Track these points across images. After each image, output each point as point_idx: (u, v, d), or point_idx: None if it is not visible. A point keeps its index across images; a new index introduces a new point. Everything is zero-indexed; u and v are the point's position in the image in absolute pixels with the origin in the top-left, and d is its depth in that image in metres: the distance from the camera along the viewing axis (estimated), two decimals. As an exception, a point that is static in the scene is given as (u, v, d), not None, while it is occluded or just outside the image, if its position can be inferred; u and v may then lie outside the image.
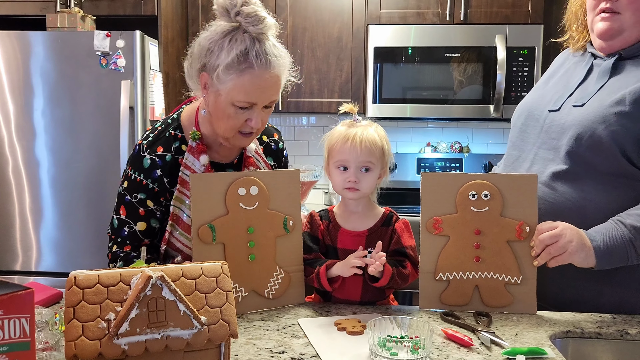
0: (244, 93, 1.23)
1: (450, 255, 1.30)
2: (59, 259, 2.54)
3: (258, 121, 1.28)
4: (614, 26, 1.29)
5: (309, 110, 2.96)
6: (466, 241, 1.30)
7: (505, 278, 1.29)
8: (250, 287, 1.27)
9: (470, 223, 1.29)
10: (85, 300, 0.76)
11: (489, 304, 1.30)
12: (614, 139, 1.23)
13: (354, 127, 1.33)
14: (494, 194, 1.28)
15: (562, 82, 1.43)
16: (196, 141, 1.35)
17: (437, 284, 1.31)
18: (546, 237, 1.21)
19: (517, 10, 2.75)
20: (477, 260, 1.29)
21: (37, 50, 2.44)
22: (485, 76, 2.76)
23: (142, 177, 1.33)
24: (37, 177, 2.51)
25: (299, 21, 2.87)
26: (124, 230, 1.35)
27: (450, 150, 3.19)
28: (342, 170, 1.33)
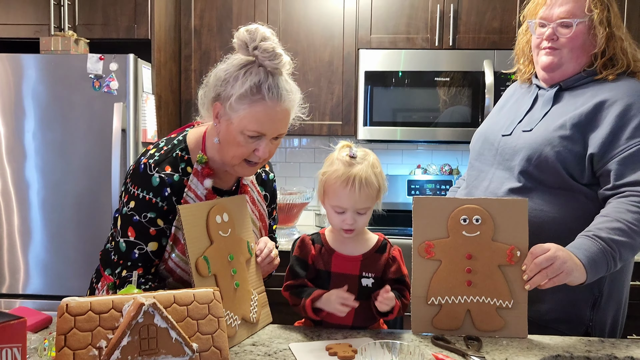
0: (255, 123, 1.26)
1: (442, 279, 1.32)
2: (48, 281, 2.52)
3: (265, 151, 1.30)
4: (554, 60, 1.48)
5: (300, 132, 2.98)
6: (458, 265, 1.32)
7: (497, 302, 1.31)
8: (240, 315, 1.27)
9: (462, 247, 1.31)
10: (77, 328, 0.76)
11: (481, 328, 1.31)
12: (558, 159, 1.40)
13: (352, 166, 1.30)
14: (485, 219, 1.31)
15: (513, 110, 1.59)
16: (202, 165, 1.36)
17: (429, 308, 1.33)
18: (542, 260, 1.24)
19: (504, 36, 2.81)
20: (469, 285, 1.31)
21: (30, 73, 2.45)
22: (473, 100, 2.80)
23: (152, 196, 1.31)
24: (26, 198, 2.49)
25: (291, 45, 2.91)
26: (134, 253, 1.31)
27: (440, 172, 3.22)
28: (339, 213, 1.32)
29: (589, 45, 1.47)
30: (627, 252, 1.31)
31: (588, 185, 1.42)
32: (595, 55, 1.47)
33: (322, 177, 1.34)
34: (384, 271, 1.36)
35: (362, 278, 1.35)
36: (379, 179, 1.33)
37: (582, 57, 1.48)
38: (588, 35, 1.46)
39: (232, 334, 1.21)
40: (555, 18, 1.47)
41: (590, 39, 1.46)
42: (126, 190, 1.35)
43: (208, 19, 2.92)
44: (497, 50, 2.79)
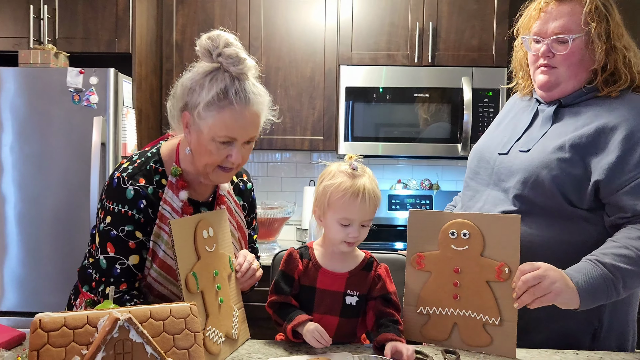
0: (225, 128, 1.26)
1: (431, 290, 1.34)
2: (23, 297, 2.46)
3: (238, 157, 1.30)
4: (551, 79, 1.41)
5: (282, 147, 2.99)
6: (445, 278, 1.33)
7: (484, 318, 1.30)
8: (224, 331, 1.26)
9: (450, 261, 1.33)
10: (50, 344, 0.75)
11: (468, 342, 1.31)
12: (555, 182, 1.33)
13: (356, 178, 1.30)
14: (473, 234, 1.31)
15: (511, 126, 1.52)
16: (176, 177, 1.35)
17: (418, 317, 1.35)
18: (529, 277, 1.21)
19: (482, 53, 2.88)
20: (455, 298, 1.32)
21: (8, 86, 2.42)
22: (452, 116, 2.85)
23: (127, 209, 1.30)
24: (2, 212, 2.45)
25: (273, 61, 2.94)
26: (115, 269, 1.29)
27: (421, 187, 3.25)
28: (344, 226, 1.31)
29: (587, 61, 1.38)
30: (634, 281, 1.26)
31: (590, 210, 1.34)
32: (595, 70, 1.38)
33: (325, 191, 1.31)
34: (369, 289, 1.36)
35: (346, 296, 1.34)
36: (379, 191, 1.34)
37: (581, 74, 1.40)
38: (586, 51, 1.37)
39: (217, 352, 1.20)
40: (549, 34, 1.39)
41: (588, 54, 1.37)
42: (102, 206, 1.34)
43: (190, 34, 2.93)
44: (475, 68, 2.84)
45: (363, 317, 1.37)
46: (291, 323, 1.28)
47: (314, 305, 1.34)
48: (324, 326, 1.30)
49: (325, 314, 1.34)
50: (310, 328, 1.26)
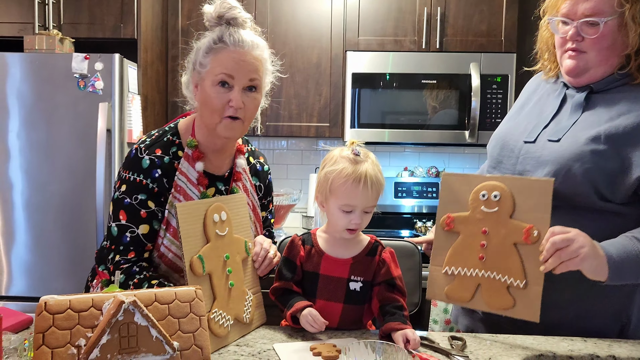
0: (221, 67, 1.31)
1: (458, 251, 1.32)
2: (31, 283, 2.48)
3: (239, 100, 1.31)
4: (580, 64, 1.33)
5: (288, 134, 2.98)
6: (473, 239, 1.31)
7: (508, 280, 1.25)
8: (234, 315, 1.26)
9: (479, 222, 1.30)
10: (56, 326, 0.75)
11: (490, 304, 1.27)
12: (587, 176, 1.26)
13: (358, 164, 1.28)
14: (504, 196, 1.27)
15: (536, 111, 1.44)
16: (192, 149, 1.39)
17: (444, 278, 1.33)
18: (558, 239, 1.17)
19: (491, 39, 2.84)
20: (481, 259, 1.28)
21: (14, 71, 2.42)
22: (460, 102, 2.82)
23: (142, 178, 1.34)
24: (10, 199, 2.46)
25: (279, 47, 2.91)
26: (125, 237, 1.33)
27: (427, 174, 3.23)
28: (346, 213, 1.30)
29: (620, 45, 1.29)
30: None
31: (624, 204, 1.28)
32: (628, 55, 1.30)
33: (327, 177, 1.30)
34: (374, 275, 1.35)
35: (350, 282, 1.33)
36: (382, 177, 1.32)
37: (612, 59, 1.31)
38: (619, 35, 1.28)
39: (224, 334, 1.21)
40: (579, 16, 1.29)
41: (621, 38, 1.28)
42: (118, 176, 1.38)
43: (196, 19, 2.91)
44: (483, 53, 2.81)
45: (369, 304, 1.37)
46: (290, 309, 1.28)
47: (317, 291, 1.34)
48: (327, 313, 1.31)
49: (329, 300, 1.33)
50: (304, 313, 1.26)
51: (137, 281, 1.29)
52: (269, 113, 2.95)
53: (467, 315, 1.52)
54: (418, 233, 2.96)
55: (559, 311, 1.31)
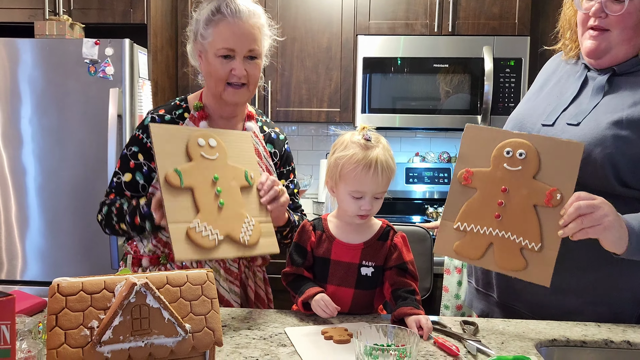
0: (222, 40, 1.36)
1: (473, 208, 1.27)
2: (45, 267, 2.51)
3: (241, 69, 1.37)
4: (601, 45, 1.29)
5: (298, 119, 2.96)
6: (491, 197, 1.25)
7: (523, 242, 1.21)
8: (224, 232, 1.24)
9: (500, 180, 1.25)
10: (68, 308, 0.75)
11: (501, 264, 1.23)
12: (609, 161, 1.23)
13: (369, 149, 1.26)
14: (530, 155, 1.23)
15: (555, 92, 1.40)
16: (197, 111, 1.46)
17: (454, 233, 1.27)
18: (583, 205, 1.13)
19: (504, 22, 2.79)
20: (498, 217, 1.24)
21: (25, 57, 2.43)
22: (472, 87, 2.78)
23: (140, 133, 1.45)
24: (23, 185, 2.48)
25: (289, 31, 2.89)
26: (113, 181, 1.46)
27: (439, 160, 3.21)
28: (356, 199, 1.28)
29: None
30: None
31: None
32: None
33: (337, 162, 1.28)
34: (385, 259, 1.34)
35: (361, 267, 1.33)
36: (394, 162, 1.30)
37: (635, 39, 1.27)
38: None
39: (210, 246, 1.20)
40: None
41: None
42: None
43: (205, 4, 2.89)
44: (496, 37, 2.76)
45: (380, 288, 1.36)
46: (302, 296, 1.28)
47: (328, 276, 1.34)
48: (339, 298, 1.31)
49: (340, 285, 1.33)
50: (316, 298, 1.26)
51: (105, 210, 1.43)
52: (278, 98, 2.93)
53: (482, 299, 1.52)
54: (429, 219, 2.95)
55: (576, 297, 1.30)
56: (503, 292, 1.43)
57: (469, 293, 1.60)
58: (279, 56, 2.91)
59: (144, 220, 1.35)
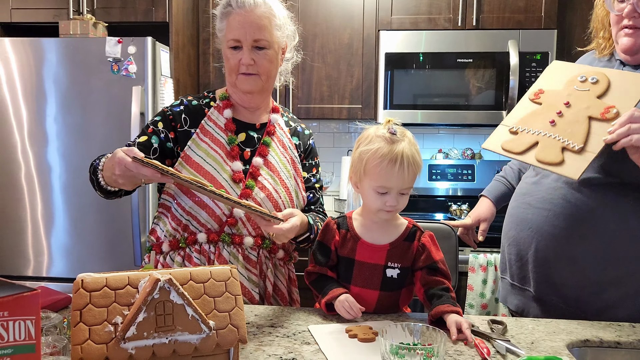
0: (230, 32, 1.41)
1: (533, 115, 1.34)
2: (70, 264, 2.54)
3: (247, 58, 1.41)
4: (637, 42, 1.32)
5: (319, 116, 2.95)
6: (552, 108, 1.32)
7: (566, 142, 1.25)
8: None
9: (566, 96, 1.32)
10: (92, 304, 0.74)
11: (539, 158, 1.27)
12: None
13: (395, 143, 1.22)
14: (601, 80, 1.30)
15: None
16: (223, 100, 1.51)
17: (507, 133, 1.35)
18: (637, 114, 1.16)
19: (530, 15, 2.73)
20: (552, 122, 1.30)
21: (50, 56, 2.46)
22: (497, 82, 2.73)
23: (167, 108, 1.50)
24: (48, 182, 2.52)
25: (309, 27, 2.87)
26: (129, 142, 1.47)
27: (462, 156, 3.16)
28: (381, 195, 1.25)
29: None
30: None
31: None
32: None
33: (361, 157, 1.25)
34: (413, 260, 1.30)
35: (387, 268, 1.29)
36: (420, 157, 1.26)
37: None
38: None
39: None
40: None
41: None
42: None
43: (226, 2, 2.89)
44: (522, 30, 2.70)
45: (406, 289, 1.33)
46: (325, 297, 1.26)
47: (352, 277, 1.31)
48: (363, 299, 1.28)
49: (365, 287, 1.30)
50: (340, 299, 1.23)
51: None
52: (299, 95, 2.92)
53: (517, 295, 1.49)
54: (453, 216, 2.90)
55: (616, 289, 1.27)
56: (540, 286, 1.41)
57: (502, 289, 1.58)
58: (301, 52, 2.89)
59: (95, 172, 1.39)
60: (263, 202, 1.43)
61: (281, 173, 1.49)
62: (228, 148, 1.46)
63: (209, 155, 1.43)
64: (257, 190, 1.43)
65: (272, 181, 1.46)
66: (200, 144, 1.45)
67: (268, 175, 1.47)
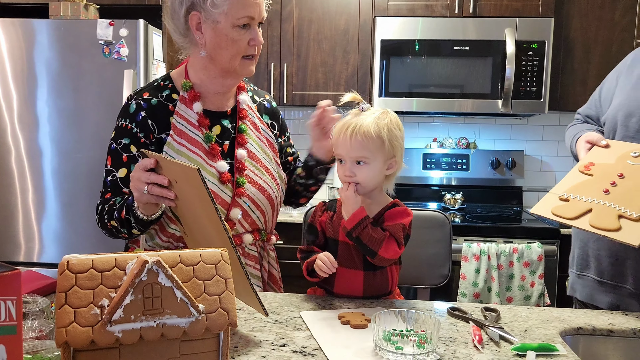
0: (243, 8, 1.27)
1: (585, 185, 1.33)
2: (61, 250, 2.52)
3: (260, 37, 1.32)
4: None
5: (314, 103, 2.87)
6: (606, 178, 1.32)
7: (622, 210, 1.24)
8: None
9: (620, 169, 1.32)
10: (78, 286, 0.72)
11: (594, 224, 1.24)
12: None
13: (356, 116, 1.27)
14: None
15: None
16: (187, 91, 1.37)
17: (556, 200, 1.34)
18: None
19: (527, 3, 2.70)
20: (606, 192, 1.29)
21: (40, 38, 2.41)
22: (494, 70, 2.71)
23: (127, 122, 1.35)
24: (39, 167, 2.48)
25: (305, 13, 2.83)
26: (107, 180, 1.37)
27: (457, 146, 3.14)
28: (341, 163, 1.29)
29: None
30: None
31: None
32: None
33: (334, 131, 1.32)
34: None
35: None
36: (383, 131, 1.24)
37: None
38: None
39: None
40: None
41: None
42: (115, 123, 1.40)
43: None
44: (519, 18, 2.68)
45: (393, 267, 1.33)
46: (305, 261, 1.31)
47: (337, 258, 1.30)
48: (350, 281, 1.30)
49: (350, 267, 1.30)
50: (320, 256, 1.26)
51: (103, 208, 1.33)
52: (294, 82, 2.89)
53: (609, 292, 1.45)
54: (447, 206, 2.90)
55: None
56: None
57: (583, 287, 1.53)
58: (295, 39, 2.86)
59: (129, 212, 1.25)
60: (255, 196, 1.40)
61: (263, 160, 1.44)
62: (206, 146, 1.36)
63: (190, 159, 1.33)
64: (248, 185, 1.39)
65: (259, 172, 1.42)
66: (180, 149, 1.34)
67: (252, 166, 1.41)
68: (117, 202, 1.32)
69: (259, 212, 1.41)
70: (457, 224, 2.56)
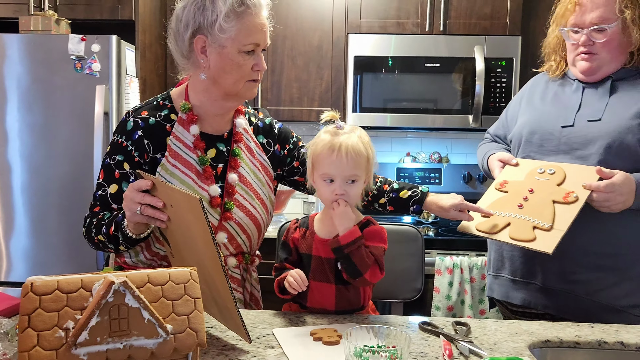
0: (250, 35, 1.28)
1: (501, 201, 1.48)
2: (31, 268, 2.46)
3: (264, 63, 1.34)
4: (593, 65, 1.50)
5: (289, 118, 2.93)
6: (518, 194, 1.47)
7: (536, 222, 1.37)
8: None
9: (529, 185, 1.47)
10: (42, 308, 0.71)
11: (513, 236, 1.38)
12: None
13: (337, 135, 1.28)
14: (558, 171, 1.45)
15: (559, 101, 1.57)
16: (186, 112, 1.37)
17: (479, 218, 1.46)
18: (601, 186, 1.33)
19: (495, 22, 2.78)
20: (520, 207, 1.44)
21: (10, 53, 2.38)
22: (464, 87, 2.77)
23: (123, 139, 1.35)
24: (8, 183, 2.43)
25: (280, 29, 2.86)
26: (97, 194, 1.37)
27: (430, 160, 3.19)
28: (329, 183, 1.29)
29: (625, 44, 1.48)
30: None
31: None
32: (632, 52, 1.48)
33: (310, 152, 1.31)
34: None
35: (338, 261, 1.30)
36: (367, 148, 1.29)
37: (620, 56, 1.49)
38: (623, 36, 1.46)
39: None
40: (588, 24, 1.47)
41: (625, 38, 1.47)
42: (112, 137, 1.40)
43: (195, 1, 2.85)
44: (488, 36, 2.75)
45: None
46: (277, 278, 1.31)
47: (309, 273, 1.31)
48: (323, 295, 1.31)
49: (322, 281, 1.31)
50: (291, 272, 1.26)
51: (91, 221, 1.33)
52: (269, 97, 2.90)
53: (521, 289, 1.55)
54: (421, 219, 2.93)
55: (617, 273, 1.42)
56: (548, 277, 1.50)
57: (499, 286, 1.62)
58: (270, 54, 2.87)
59: (118, 229, 1.25)
60: (242, 220, 1.40)
61: (254, 184, 1.44)
62: (199, 169, 1.36)
63: (182, 182, 1.34)
64: (236, 209, 1.39)
65: (248, 196, 1.42)
66: (173, 171, 1.34)
67: (242, 190, 1.41)
68: (105, 217, 1.32)
69: (245, 236, 1.42)
70: (430, 238, 2.58)
